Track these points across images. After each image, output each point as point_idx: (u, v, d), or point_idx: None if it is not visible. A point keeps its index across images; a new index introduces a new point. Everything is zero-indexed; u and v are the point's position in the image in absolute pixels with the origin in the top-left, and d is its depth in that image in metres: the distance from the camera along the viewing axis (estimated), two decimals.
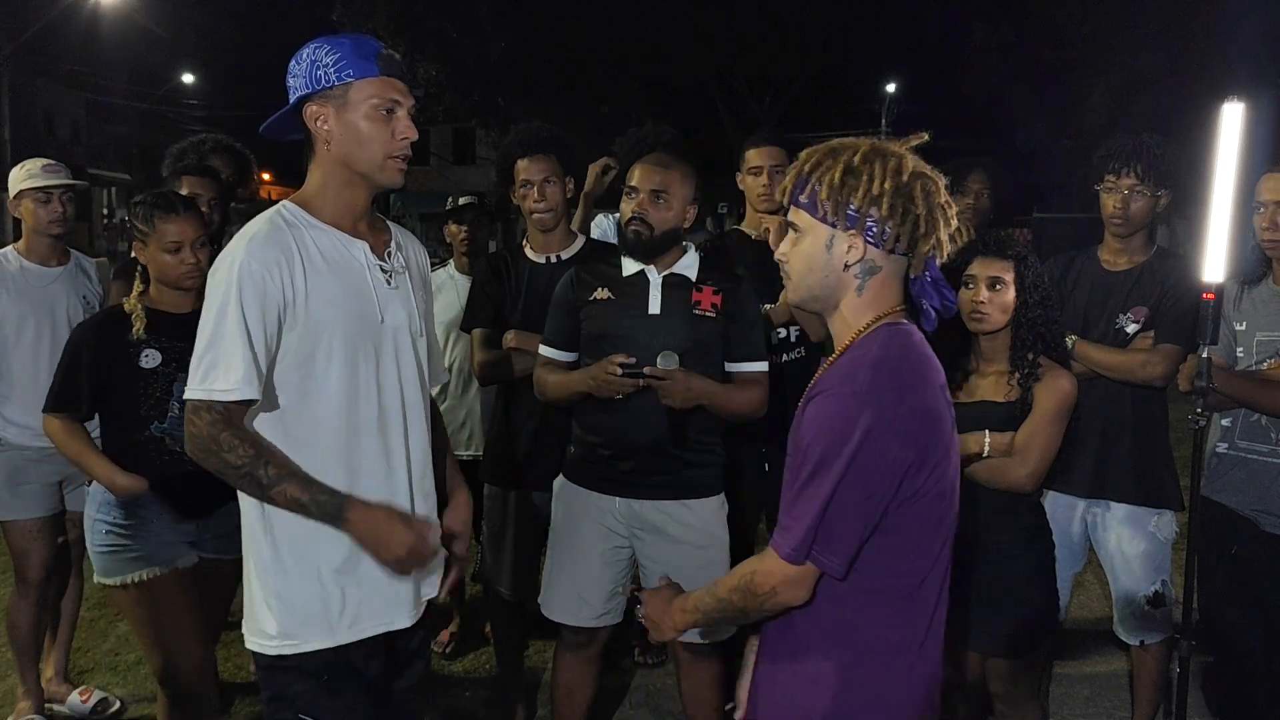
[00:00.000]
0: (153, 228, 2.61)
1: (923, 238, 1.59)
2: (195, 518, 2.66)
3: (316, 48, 1.86)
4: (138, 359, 2.60)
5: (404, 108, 1.87)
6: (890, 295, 1.64)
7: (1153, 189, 2.83)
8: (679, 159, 2.63)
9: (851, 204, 1.58)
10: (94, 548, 2.62)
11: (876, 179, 1.57)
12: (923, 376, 1.60)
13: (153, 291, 2.69)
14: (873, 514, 1.55)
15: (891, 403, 1.53)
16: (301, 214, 1.88)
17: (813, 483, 1.55)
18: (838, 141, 1.65)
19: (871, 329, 1.62)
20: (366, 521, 1.78)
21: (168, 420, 2.61)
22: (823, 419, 1.56)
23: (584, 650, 2.78)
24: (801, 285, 1.67)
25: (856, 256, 1.60)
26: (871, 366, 1.56)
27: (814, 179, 1.61)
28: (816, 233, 1.62)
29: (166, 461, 2.59)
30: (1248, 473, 2.71)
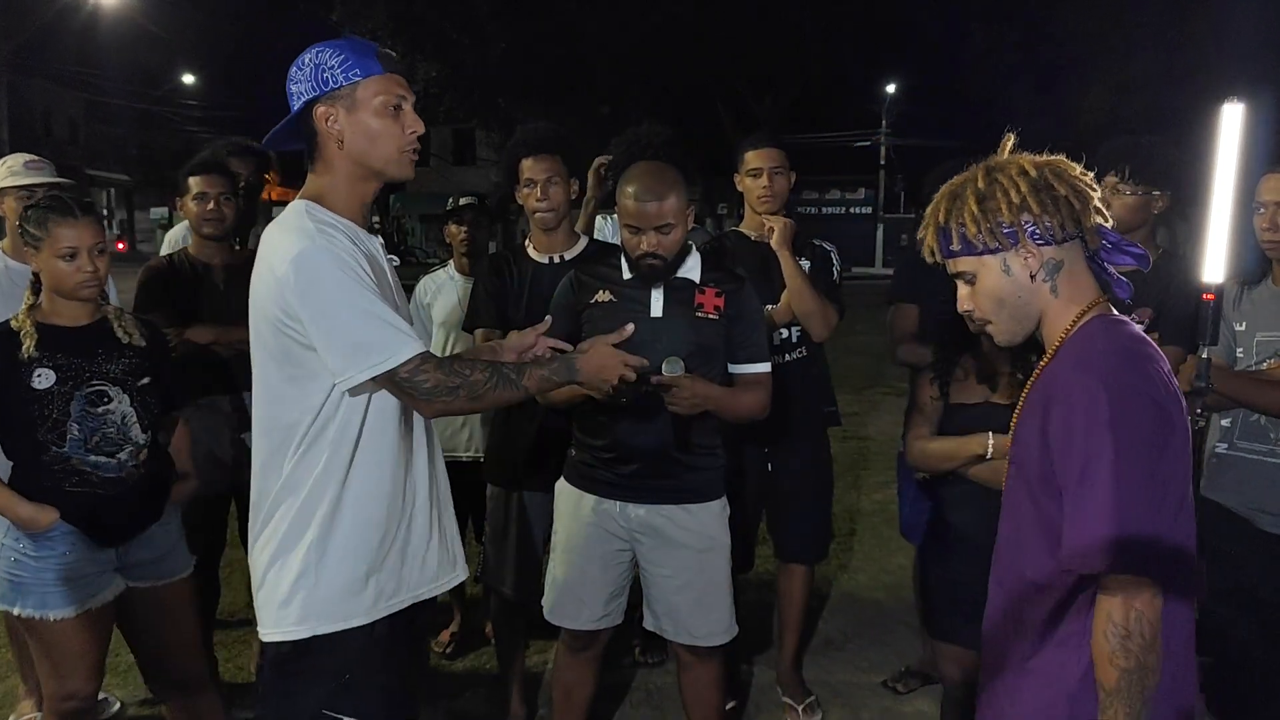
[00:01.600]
0: (47, 232, 2.42)
1: (1083, 214, 1.61)
2: (113, 544, 2.53)
3: (319, 51, 1.88)
4: (29, 379, 2.41)
5: (409, 102, 1.92)
6: (1085, 284, 1.65)
7: (1148, 189, 2.83)
8: (669, 174, 2.55)
9: (1003, 223, 1.60)
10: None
11: (1010, 189, 1.59)
12: (1150, 355, 1.58)
13: (45, 304, 2.50)
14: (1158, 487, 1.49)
15: (1128, 371, 1.52)
16: (329, 214, 1.88)
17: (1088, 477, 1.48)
18: (948, 185, 1.68)
19: (1081, 323, 1.62)
20: (589, 364, 2.01)
21: (68, 443, 2.44)
22: (1071, 418, 1.52)
23: (585, 651, 2.79)
24: (1002, 321, 1.67)
25: (1036, 265, 1.62)
26: (1102, 355, 1.55)
27: (953, 225, 1.64)
28: (988, 267, 1.64)
29: (76, 485, 2.46)
30: (1246, 472, 2.71)
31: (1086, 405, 1.49)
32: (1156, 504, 1.49)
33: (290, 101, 1.90)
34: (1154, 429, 1.50)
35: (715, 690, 2.75)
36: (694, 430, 2.59)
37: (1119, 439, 1.47)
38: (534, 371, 1.93)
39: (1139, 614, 1.48)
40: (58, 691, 2.51)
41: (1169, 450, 1.51)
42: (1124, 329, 1.61)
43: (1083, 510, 1.49)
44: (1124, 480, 1.46)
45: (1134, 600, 1.48)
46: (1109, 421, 1.47)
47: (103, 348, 2.52)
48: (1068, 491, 1.52)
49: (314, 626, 1.87)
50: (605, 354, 2.03)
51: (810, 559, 3.47)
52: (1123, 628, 1.48)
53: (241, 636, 3.87)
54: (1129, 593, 1.48)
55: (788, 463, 3.34)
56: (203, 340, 3.20)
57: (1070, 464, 1.51)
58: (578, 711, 2.84)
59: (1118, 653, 1.48)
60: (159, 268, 3.33)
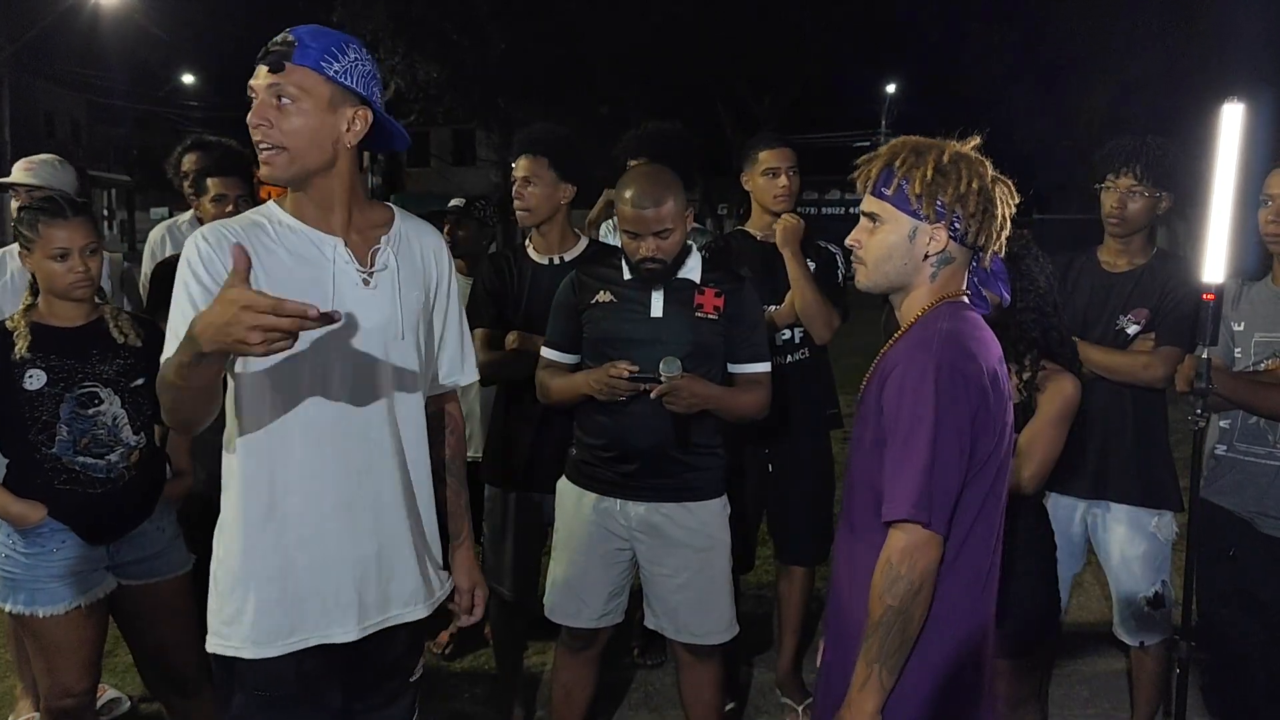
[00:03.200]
0: (38, 233, 2.42)
1: (995, 235, 1.76)
2: (104, 542, 2.53)
3: None
4: (21, 380, 2.42)
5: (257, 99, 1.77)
6: (956, 282, 1.80)
7: (1152, 190, 2.83)
8: (666, 178, 2.54)
9: (940, 200, 1.71)
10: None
11: (964, 179, 1.71)
12: (985, 343, 1.74)
13: (42, 304, 2.51)
14: (961, 463, 1.65)
15: (958, 354, 1.67)
16: (281, 214, 1.85)
17: (910, 443, 1.65)
18: (915, 140, 1.78)
19: (936, 306, 1.77)
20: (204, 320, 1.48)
21: (56, 444, 2.45)
22: (904, 385, 1.68)
23: (584, 651, 2.79)
24: (878, 270, 1.79)
25: (938, 248, 1.74)
26: (940, 334, 1.70)
27: (901, 172, 1.74)
28: (899, 224, 1.75)
29: (66, 484, 2.47)
30: (1246, 475, 2.71)
31: (917, 379, 1.66)
32: (959, 471, 1.66)
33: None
34: (970, 400, 1.66)
35: (715, 690, 2.75)
36: (694, 429, 2.59)
37: (939, 409, 1.63)
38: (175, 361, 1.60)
39: (913, 563, 1.63)
40: (52, 688, 2.52)
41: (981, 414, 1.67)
42: (964, 313, 1.77)
43: (900, 471, 1.65)
44: (936, 446, 1.63)
45: (913, 550, 1.64)
46: (933, 394, 1.64)
47: (97, 348, 2.52)
48: (890, 451, 1.68)
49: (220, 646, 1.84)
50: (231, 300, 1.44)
51: (810, 560, 3.46)
52: (897, 569, 1.64)
53: None
54: (910, 541, 1.64)
55: (788, 464, 3.34)
56: None
57: (897, 427, 1.67)
58: (577, 712, 2.84)
59: (886, 591, 1.65)
60: (171, 265, 3.34)
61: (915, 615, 1.65)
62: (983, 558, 1.75)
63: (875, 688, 1.65)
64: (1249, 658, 2.76)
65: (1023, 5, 19.72)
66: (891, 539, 1.66)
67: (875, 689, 1.65)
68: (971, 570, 1.74)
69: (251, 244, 1.75)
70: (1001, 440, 1.73)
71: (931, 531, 1.64)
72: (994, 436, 1.70)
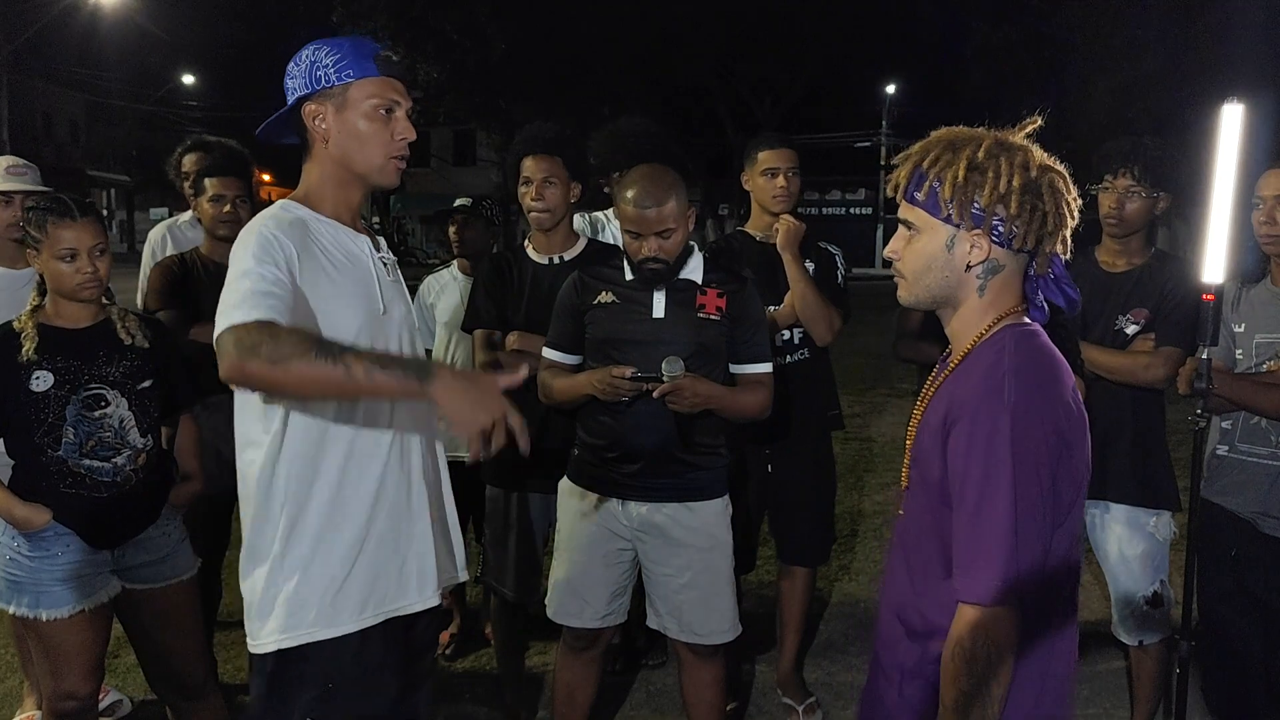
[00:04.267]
0: (46, 234, 2.41)
1: (1050, 236, 1.53)
2: (109, 546, 2.52)
3: (316, 49, 1.87)
4: (28, 382, 2.41)
5: (403, 108, 1.88)
6: (1012, 294, 1.58)
7: (1150, 190, 2.83)
8: (668, 178, 2.53)
9: (977, 202, 1.51)
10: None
11: (1004, 176, 1.50)
12: (1057, 377, 1.54)
13: (49, 305, 2.50)
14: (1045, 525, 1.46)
15: (1034, 396, 1.47)
16: (307, 211, 1.89)
17: (984, 511, 1.45)
18: (952, 132, 1.58)
19: (994, 331, 1.56)
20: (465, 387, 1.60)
21: (62, 447, 2.44)
22: (974, 439, 1.47)
23: (586, 651, 2.79)
24: (918, 285, 1.60)
25: (980, 257, 1.54)
26: (1015, 376, 1.48)
27: (933, 174, 1.53)
28: (936, 232, 1.55)
29: (71, 487, 2.46)
30: (1247, 475, 2.71)
31: (988, 433, 1.46)
32: (1044, 533, 1.47)
33: (286, 96, 1.90)
34: (1051, 455, 1.46)
35: (717, 690, 2.76)
36: (696, 429, 2.60)
37: (1017, 471, 1.43)
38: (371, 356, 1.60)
39: (988, 640, 1.45)
40: (55, 691, 2.51)
41: (1062, 473, 1.48)
42: (1034, 343, 1.55)
43: (975, 544, 1.47)
44: (1019, 511, 1.43)
45: (987, 627, 1.45)
46: (1009, 454, 1.44)
47: (104, 350, 2.52)
48: (962, 514, 1.49)
49: (284, 640, 1.83)
50: (490, 391, 1.63)
51: (812, 561, 3.47)
52: (970, 651, 1.46)
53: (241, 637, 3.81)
54: (984, 619, 1.46)
55: (789, 464, 3.34)
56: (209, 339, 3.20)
57: (966, 490, 1.48)
58: (579, 712, 2.84)
59: (961, 674, 1.47)
60: (171, 267, 3.34)
61: (996, 695, 1.46)
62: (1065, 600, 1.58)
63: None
64: (1249, 658, 2.76)
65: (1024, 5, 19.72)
66: (962, 615, 1.48)
67: None
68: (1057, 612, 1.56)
69: (308, 244, 1.82)
70: (1084, 478, 1.54)
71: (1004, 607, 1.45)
72: (1078, 478, 1.52)
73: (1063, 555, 1.52)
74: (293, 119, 1.90)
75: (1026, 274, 1.59)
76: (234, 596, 3.97)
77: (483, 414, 1.60)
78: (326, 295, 1.82)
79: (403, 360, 1.65)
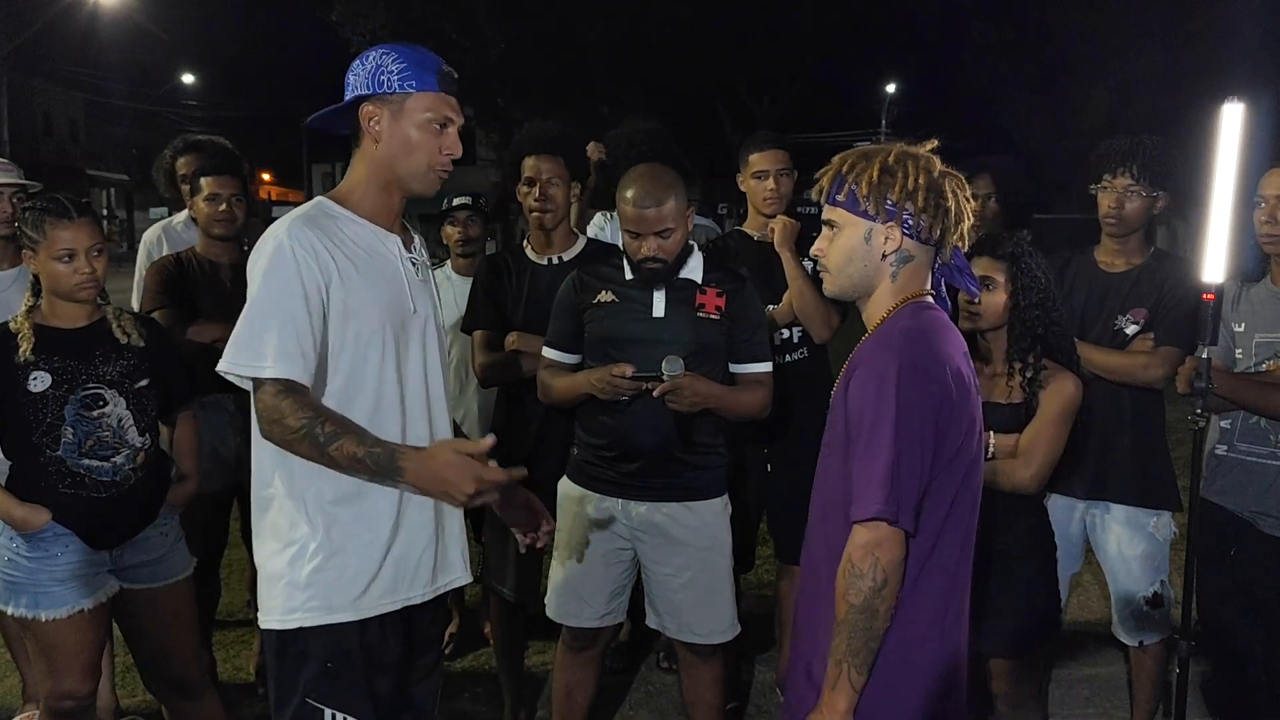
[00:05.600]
0: (44, 234, 2.41)
1: (952, 229, 1.77)
2: (108, 546, 2.53)
3: (384, 53, 1.93)
4: (25, 382, 2.41)
5: (455, 125, 1.95)
6: (919, 281, 1.81)
7: (1149, 189, 2.83)
8: (668, 177, 2.54)
9: (889, 198, 1.73)
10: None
11: (911, 175, 1.73)
12: (947, 339, 1.76)
13: (45, 306, 2.50)
14: (925, 459, 1.66)
15: (920, 352, 1.69)
16: (339, 208, 1.94)
17: (873, 443, 1.65)
18: (866, 146, 1.83)
19: (899, 307, 1.78)
20: (423, 466, 1.74)
21: (61, 447, 2.45)
22: (866, 385, 1.70)
23: (585, 651, 2.79)
24: (841, 275, 1.81)
25: (894, 246, 1.76)
26: (902, 333, 1.72)
27: (851, 178, 1.77)
28: (855, 227, 1.77)
29: (70, 487, 2.46)
30: (1247, 475, 2.71)
31: (879, 376, 1.67)
32: (924, 468, 1.66)
33: (345, 91, 1.96)
34: (932, 400, 1.66)
35: (717, 690, 2.75)
36: (696, 428, 2.59)
37: (900, 410, 1.64)
38: (347, 443, 1.75)
39: (875, 560, 1.63)
40: (53, 691, 2.51)
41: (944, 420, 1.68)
42: (928, 312, 1.78)
43: (865, 470, 1.65)
44: (899, 443, 1.63)
45: (875, 545, 1.63)
46: (895, 392, 1.65)
47: (100, 350, 2.52)
48: (857, 448, 1.69)
49: (301, 619, 1.88)
50: (448, 463, 1.73)
51: None
52: (858, 566, 1.64)
53: (241, 636, 3.87)
54: (872, 536, 1.64)
55: (788, 463, 3.33)
56: (206, 338, 3.20)
57: (861, 426, 1.68)
58: (579, 712, 2.84)
59: (849, 590, 1.65)
60: (167, 266, 3.34)
61: (880, 611, 1.64)
62: (955, 557, 1.75)
63: (845, 687, 1.65)
64: (1249, 658, 2.76)
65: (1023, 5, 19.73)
66: (854, 536, 1.66)
67: (846, 688, 1.65)
68: (943, 569, 1.73)
69: (337, 243, 1.88)
70: (970, 436, 1.73)
71: (895, 528, 1.63)
72: (961, 432, 1.71)
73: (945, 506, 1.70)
74: (347, 114, 1.95)
75: (935, 264, 1.82)
76: (232, 596, 3.99)
77: (455, 492, 1.74)
78: (357, 290, 1.88)
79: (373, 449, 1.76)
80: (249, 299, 1.84)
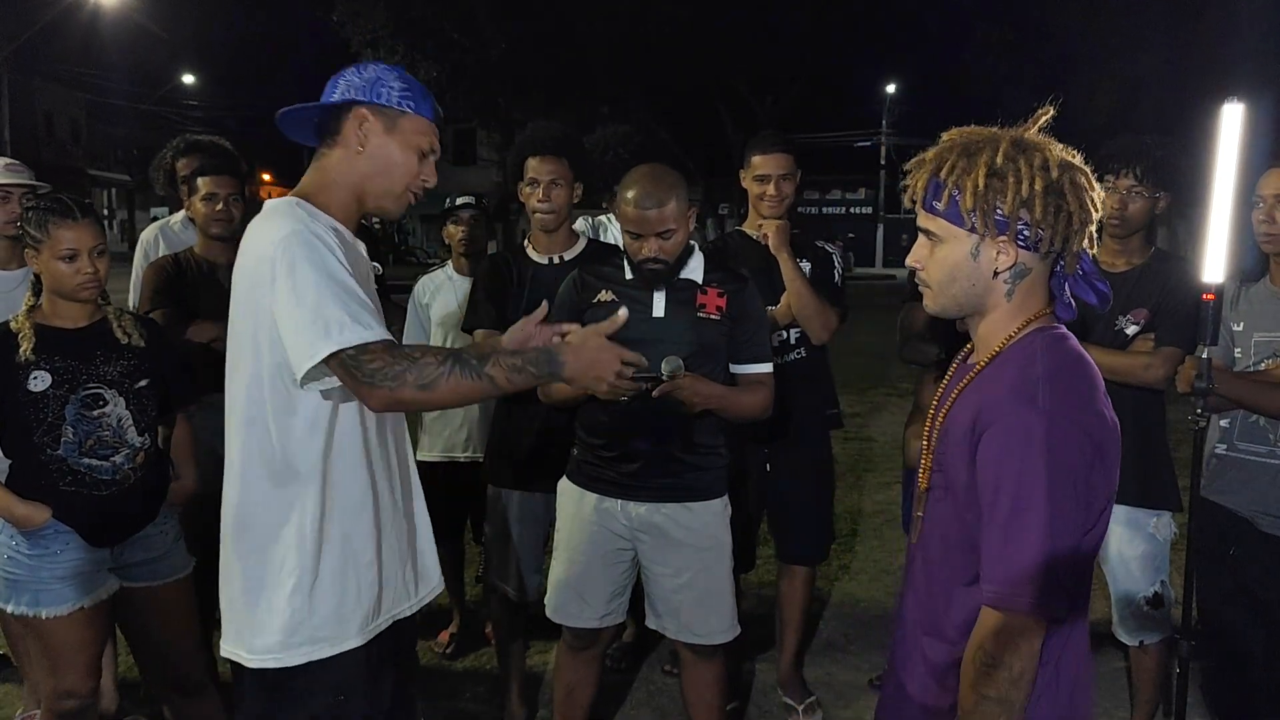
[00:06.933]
0: (47, 234, 2.42)
1: (1076, 235, 1.50)
2: (108, 544, 2.53)
3: (386, 70, 1.94)
4: (26, 382, 2.42)
5: (435, 156, 1.98)
6: (1039, 296, 1.56)
7: (1151, 190, 2.83)
8: (669, 178, 2.53)
9: (1000, 209, 1.47)
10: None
11: (1025, 180, 1.46)
12: (1092, 383, 1.51)
13: (45, 305, 2.50)
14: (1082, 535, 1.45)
15: (1071, 405, 1.45)
16: (316, 210, 1.89)
17: (1020, 521, 1.42)
18: (965, 134, 1.55)
19: (1024, 334, 1.54)
20: (578, 356, 1.80)
21: (62, 446, 2.45)
22: (1008, 448, 1.44)
23: (586, 651, 2.79)
24: (944, 294, 1.57)
25: (1008, 263, 1.51)
26: (1049, 382, 1.46)
27: (951, 183, 1.50)
28: (959, 241, 1.52)
29: (71, 485, 2.47)
30: (1247, 474, 2.71)
31: (1022, 441, 1.43)
32: (1079, 540, 1.45)
33: (329, 93, 1.93)
34: (1085, 462, 1.45)
35: (717, 690, 2.75)
36: (696, 429, 2.59)
37: (1052, 479, 1.41)
38: (502, 360, 1.72)
39: (1015, 650, 1.44)
40: (54, 689, 2.52)
41: (1095, 479, 1.47)
42: (1066, 347, 1.53)
43: (1006, 553, 1.44)
44: (1054, 521, 1.41)
45: (1016, 635, 1.44)
46: (1044, 463, 1.41)
47: (101, 349, 2.52)
48: (994, 520, 1.46)
49: (308, 653, 1.84)
50: (598, 348, 1.80)
51: (811, 560, 3.47)
52: (995, 658, 1.44)
53: None
54: (1011, 625, 1.44)
55: (788, 464, 3.34)
56: (205, 338, 3.20)
57: (998, 499, 1.45)
58: (579, 712, 2.84)
59: (981, 680, 1.45)
60: (165, 266, 3.34)
61: (1017, 704, 1.44)
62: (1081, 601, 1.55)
63: None
64: (1249, 658, 2.76)
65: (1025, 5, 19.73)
66: (986, 620, 1.45)
67: None
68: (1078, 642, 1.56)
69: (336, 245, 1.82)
70: (1115, 484, 1.52)
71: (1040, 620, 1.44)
72: (1109, 484, 1.50)
73: (1086, 559, 1.50)
74: (328, 117, 1.92)
75: (1054, 272, 1.57)
76: None
77: (607, 375, 1.83)
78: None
79: (528, 355, 1.77)
80: (296, 289, 1.72)
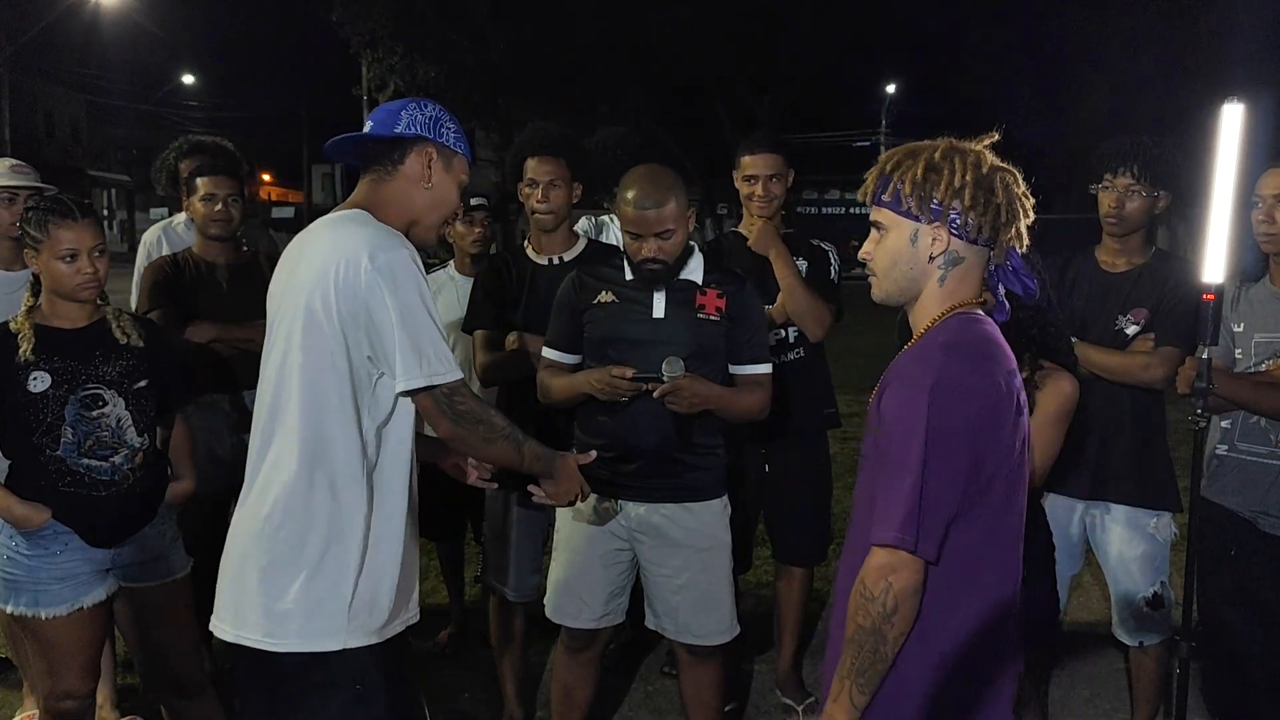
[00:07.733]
0: (47, 234, 2.42)
1: (1004, 227, 1.66)
2: (107, 544, 2.53)
3: (440, 110, 2.08)
4: (25, 382, 2.42)
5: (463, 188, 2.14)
6: (970, 286, 1.71)
7: (1149, 189, 2.83)
8: (668, 179, 2.54)
9: (935, 197, 1.64)
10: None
11: (958, 172, 1.64)
12: (992, 357, 1.66)
13: (45, 305, 2.51)
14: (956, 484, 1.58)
15: (960, 369, 1.60)
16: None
17: (901, 464, 1.58)
18: (913, 144, 1.74)
19: (944, 317, 1.69)
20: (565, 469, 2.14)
21: (61, 447, 2.45)
22: (899, 401, 1.62)
23: (584, 652, 2.79)
24: (887, 279, 1.73)
25: (941, 248, 1.67)
26: (942, 347, 1.63)
27: (896, 177, 1.68)
28: (900, 228, 1.69)
29: (70, 486, 2.47)
30: (1247, 474, 2.71)
31: (913, 393, 1.59)
32: (955, 491, 1.58)
33: (388, 122, 2.02)
34: (971, 426, 1.58)
35: (715, 691, 2.75)
36: (695, 429, 2.59)
37: (931, 432, 1.56)
38: (533, 448, 2.07)
39: (888, 585, 1.57)
40: (53, 690, 2.52)
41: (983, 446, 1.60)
42: (975, 326, 1.68)
43: (889, 491, 1.59)
44: (928, 466, 1.56)
45: (888, 570, 1.58)
46: (925, 410, 1.56)
47: (100, 350, 2.52)
48: (884, 466, 1.62)
49: (344, 640, 1.92)
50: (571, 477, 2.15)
51: (809, 560, 3.46)
52: (870, 589, 1.59)
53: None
54: (887, 561, 1.58)
55: (786, 464, 3.34)
56: (204, 338, 3.20)
57: (890, 445, 1.61)
58: (577, 712, 2.84)
59: (859, 611, 1.60)
60: (163, 267, 3.34)
61: (889, 637, 1.58)
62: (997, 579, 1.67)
63: (846, 704, 1.62)
64: (1249, 658, 2.76)
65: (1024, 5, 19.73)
66: (871, 558, 1.61)
67: (846, 705, 1.62)
68: (984, 594, 1.66)
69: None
70: (1009, 456, 1.64)
71: (914, 555, 1.57)
72: (1002, 453, 1.62)
73: (983, 531, 1.63)
74: (385, 145, 2.02)
75: (988, 266, 1.72)
76: None
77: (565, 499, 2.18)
78: None
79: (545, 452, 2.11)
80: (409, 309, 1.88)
